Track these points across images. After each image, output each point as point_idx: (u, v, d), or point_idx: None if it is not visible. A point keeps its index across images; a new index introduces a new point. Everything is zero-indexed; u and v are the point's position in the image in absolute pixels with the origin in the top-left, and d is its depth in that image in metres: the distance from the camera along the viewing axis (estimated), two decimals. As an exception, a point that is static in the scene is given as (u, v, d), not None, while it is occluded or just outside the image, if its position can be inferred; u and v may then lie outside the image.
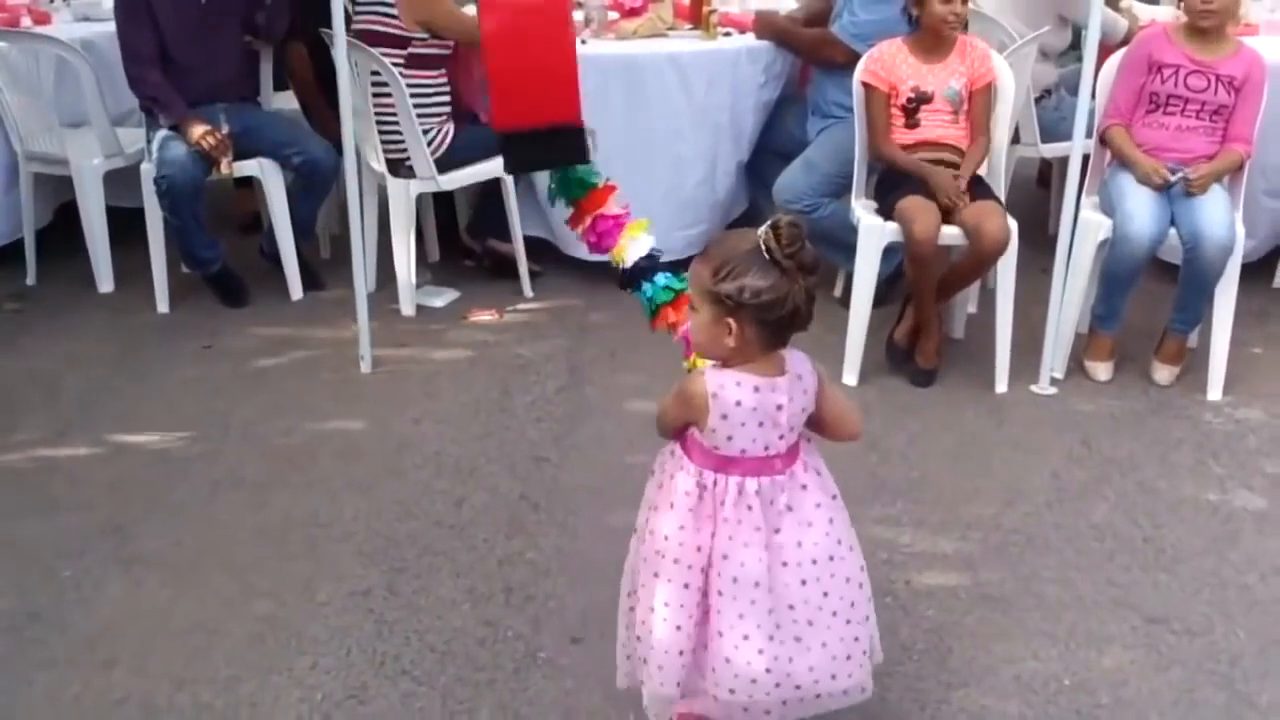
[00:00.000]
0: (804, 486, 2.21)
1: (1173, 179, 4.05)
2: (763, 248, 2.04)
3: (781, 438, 2.16)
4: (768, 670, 2.19)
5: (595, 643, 2.84)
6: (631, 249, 2.78)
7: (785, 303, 2.05)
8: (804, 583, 2.20)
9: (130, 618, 2.99)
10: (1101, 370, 4.26)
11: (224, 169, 4.66)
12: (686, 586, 2.20)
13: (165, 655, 2.84)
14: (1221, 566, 3.18)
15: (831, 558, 2.22)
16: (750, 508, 2.17)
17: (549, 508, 3.46)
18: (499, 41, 2.57)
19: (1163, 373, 4.22)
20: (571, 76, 2.66)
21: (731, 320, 2.07)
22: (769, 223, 2.05)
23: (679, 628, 2.22)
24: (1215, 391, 4.12)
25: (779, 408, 2.14)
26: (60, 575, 3.15)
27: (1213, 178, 4.06)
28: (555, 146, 2.72)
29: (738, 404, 2.11)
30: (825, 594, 2.21)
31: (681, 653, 2.23)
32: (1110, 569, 3.17)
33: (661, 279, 2.72)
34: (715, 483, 2.18)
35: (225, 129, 4.66)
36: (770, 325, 2.08)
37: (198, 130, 4.58)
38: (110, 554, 3.25)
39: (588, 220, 2.86)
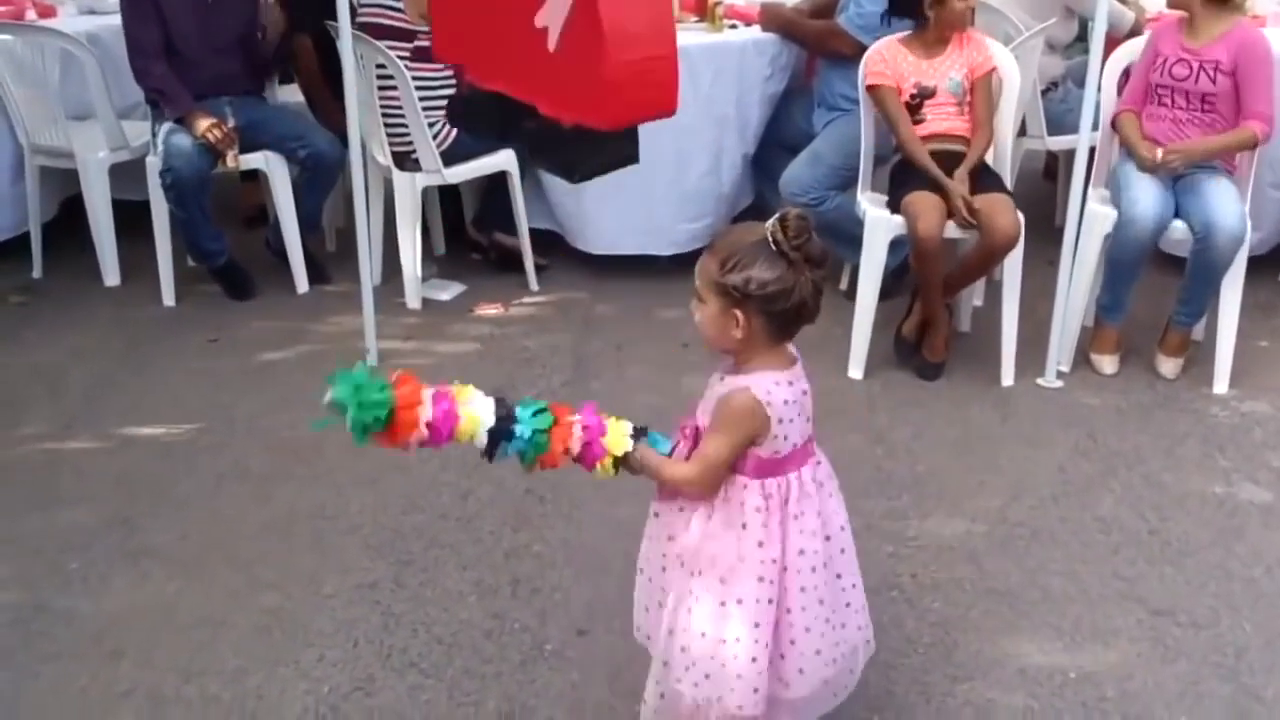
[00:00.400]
0: (819, 463, 2.25)
1: (1156, 158, 4.04)
2: (770, 240, 2.04)
3: (809, 421, 2.20)
4: (836, 643, 2.25)
5: (601, 635, 2.85)
6: (481, 418, 2.23)
7: (792, 294, 2.05)
8: (843, 550, 2.27)
9: (137, 610, 3.00)
10: (1107, 363, 4.25)
11: (231, 162, 4.67)
12: (771, 602, 2.19)
13: (172, 648, 2.85)
14: (1227, 559, 3.18)
15: (844, 526, 2.28)
16: (810, 495, 2.19)
17: (555, 501, 3.46)
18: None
19: (1167, 365, 4.21)
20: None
21: (739, 311, 2.07)
22: (777, 215, 2.05)
23: (766, 644, 2.19)
24: (1221, 385, 4.12)
25: (805, 393, 2.17)
26: (67, 568, 3.16)
27: (1201, 151, 4.05)
28: (611, 148, 2.37)
29: (785, 403, 2.12)
30: (853, 558, 2.30)
31: (755, 660, 2.20)
32: (1116, 562, 3.17)
33: (524, 429, 2.24)
34: (780, 487, 2.17)
35: (231, 122, 4.67)
36: (777, 317, 2.08)
37: (203, 123, 4.58)
38: (116, 547, 3.25)
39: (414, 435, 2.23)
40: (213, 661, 2.80)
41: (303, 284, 5.04)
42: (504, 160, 4.85)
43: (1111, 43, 4.23)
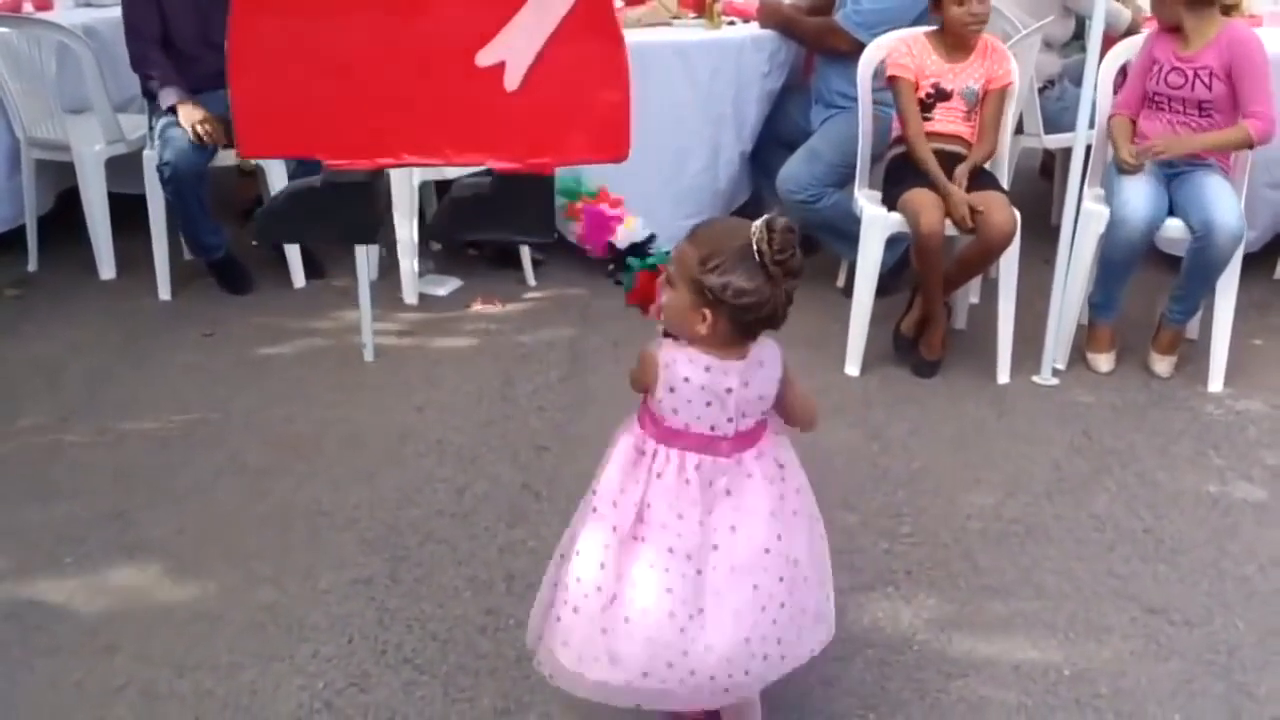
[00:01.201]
0: (749, 475, 2.19)
1: (1143, 159, 4.05)
2: (754, 249, 2.02)
3: (730, 420, 2.15)
4: (684, 653, 2.15)
5: (596, 631, 2.85)
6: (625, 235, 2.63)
7: (765, 305, 2.05)
8: (733, 569, 2.17)
9: (132, 604, 3.00)
10: (1103, 361, 4.26)
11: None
12: (614, 530, 2.20)
13: (167, 642, 2.85)
14: (1221, 558, 3.18)
15: (766, 550, 2.18)
16: (688, 482, 2.16)
17: (551, 497, 3.46)
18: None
19: (1161, 364, 4.22)
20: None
21: (708, 311, 2.06)
22: (764, 220, 2.03)
23: (602, 565, 2.19)
24: (1216, 383, 4.12)
25: (728, 390, 2.13)
26: (62, 562, 3.16)
27: (1187, 147, 4.05)
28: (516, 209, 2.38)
29: (685, 380, 2.12)
30: (755, 586, 2.17)
31: (603, 610, 2.19)
32: (1110, 560, 3.17)
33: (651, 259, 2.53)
34: (656, 453, 2.18)
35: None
36: (744, 324, 2.08)
37: (194, 115, 4.58)
38: (112, 540, 3.25)
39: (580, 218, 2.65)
40: (207, 656, 2.80)
41: (299, 279, 5.04)
42: (501, 155, 4.84)
43: (1108, 41, 4.23)
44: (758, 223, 2.03)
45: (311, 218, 2.26)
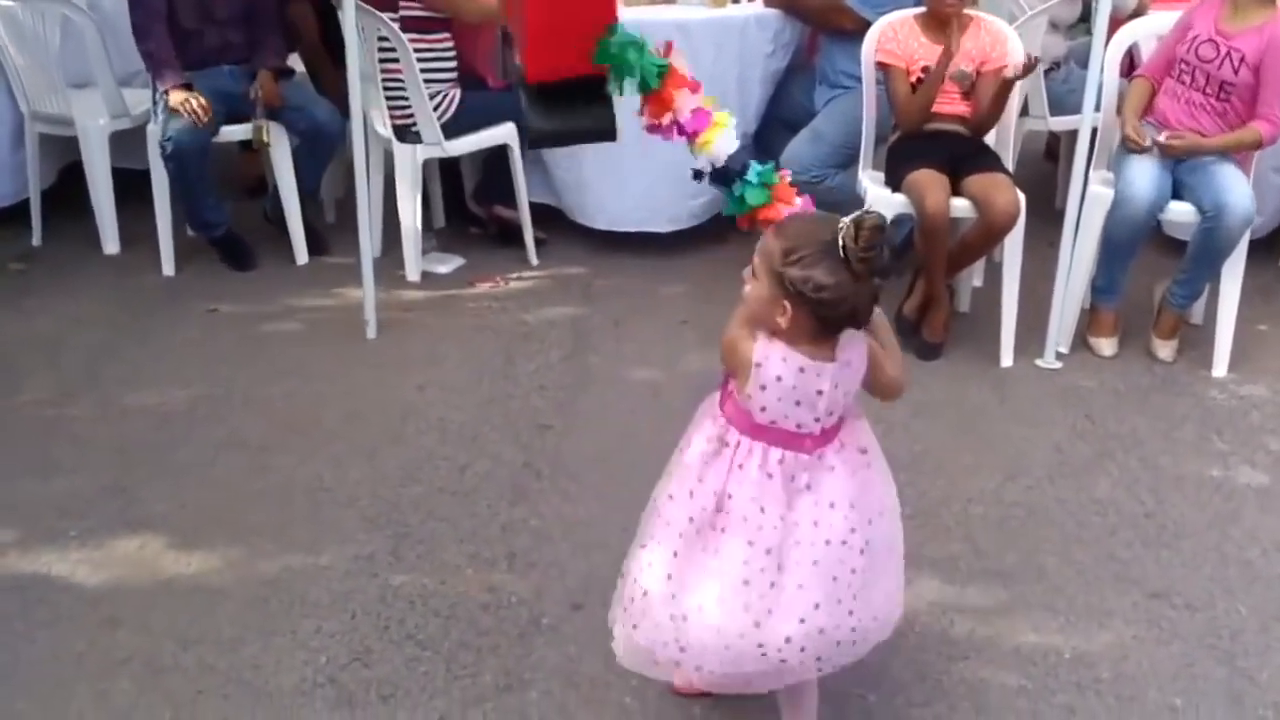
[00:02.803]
0: (831, 469, 2.18)
1: (1145, 143, 4.03)
2: (839, 244, 1.99)
3: (817, 420, 2.14)
4: (759, 645, 2.16)
5: (597, 609, 2.85)
6: (720, 143, 2.56)
7: (845, 302, 2.03)
8: (815, 563, 2.17)
9: (134, 578, 3.00)
10: (1105, 345, 4.25)
11: (263, 136, 4.69)
12: (680, 535, 2.20)
13: (169, 616, 2.85)
14: (1223, 542, 3.18)
15: (844, 543, 2.18)
16: (770, 476, 2.15)
17: (552, 475, 3.46)
18: None
19: (1164, 349, 4.21)
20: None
21: (788, 304, 2.04)
22: (853, 217, 1.99)
23: (675, 554, 2.21)
24: (1220, 368, 4.12)
25: (819, 392, 2.11)
26: (65, 535, 3.16)
27: (1204, 148, 4.03)
28: (582, 115, 2.47)
29: (778, 379, 2.10)
30: (834, 579, 2.18)
31: (674, 597, 2.20)
32: (1112, 544, 3.17)
33: (754, 175, 2.53)
34: (739, 444, 2.17)
35: (246, 89, 4.67)
36: (823, 319, 2.06)
37: (178, 96, 4.56)
38: (114, 515, 3.26)
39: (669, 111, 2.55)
40: (210, 630, 2.80)
41: (302, 255, 5.03)
42: (505, 133, 4.83)
43: (1115, 23, 4.21)
44: (846, 219, 1.99)
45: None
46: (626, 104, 2.58)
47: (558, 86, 2.40)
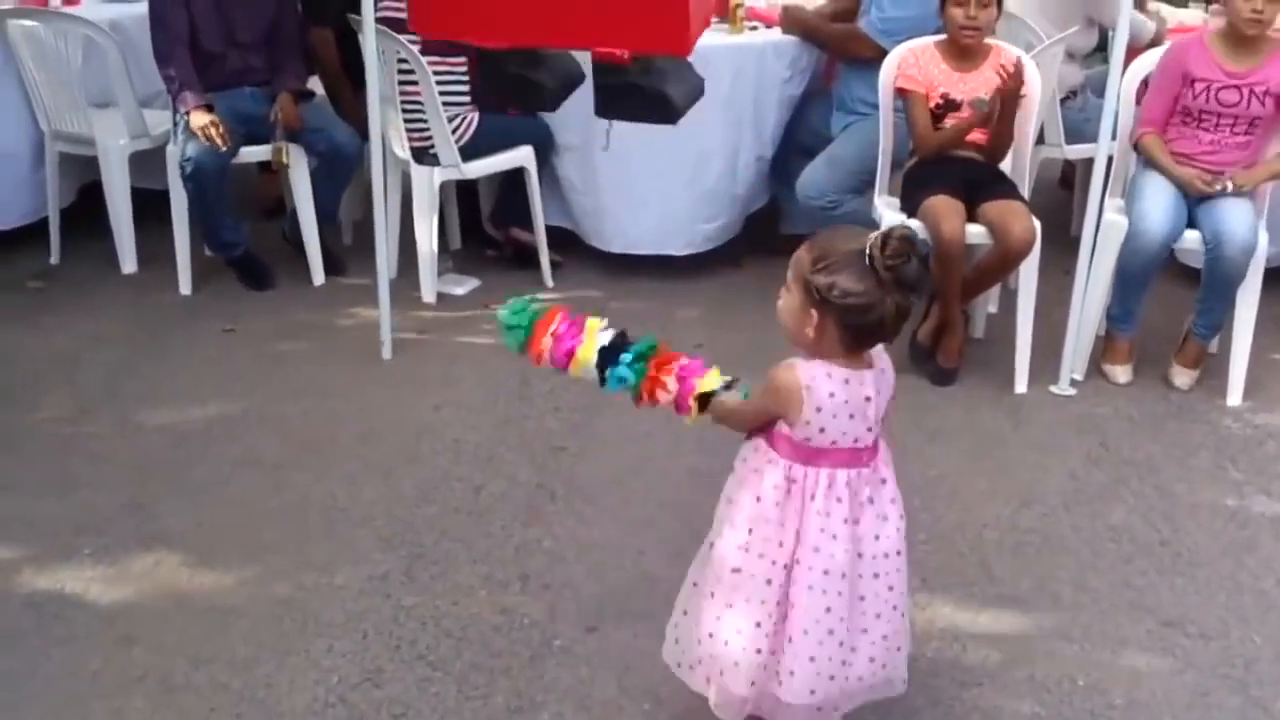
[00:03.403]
0: (883, 480, 2.25)
1: (1215, 188, 4.02)
2: (865, 253, 2.04)
3: (870, 429, 2.19)
4: (843, 663, 2.24)
5: (610, 632, 2.86)
6: (599, 341, 2.41)
7: (872, 311, 2.06)
8: (876, 575, 2.24)
9: (149, 596, 3.01)
10: (1120, 373, 4.25)
11: (282, 158, 4.72)
12: (769, 583, 2.22)
13: (183, 634, 2.86)
14: (1238, 571, 3.18)
15: (899, 552, 2.26)
16: (840, 500, 2.18)
17: (566, 496, 3.47)
18: None
19: (1182, 377, 4.21)
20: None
21: (815, 312, 2.09)
22: (884, 230, 2.06)
23: (758, 624, 2.23)
24: (1235, 397, 4.11)
25: (867, 399, 2.16)
26: (81, 552, 3.17)
27: (1261, 179, 4.05)
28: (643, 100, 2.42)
29: (830, 396, 2.13)
30: (891, 587, 2.25)
31: (759, 651, 2.24)
32: (1127, 571, 3.17)
33: (628, 355, 2.37)
34: (805, 475, 2.19)
35: (266, 112, 4.71)
36: (853, 329, 2.10)
37: (202, 120, 4.59)
38: (130, 532, 3.27)
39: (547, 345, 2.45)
40: (223, 649, 2.81)
41: (319, 276, 5.05)
42: (522, 156, 4.86)
43: (1131, 53, 4.21)
44: (877, 231, 2.06)
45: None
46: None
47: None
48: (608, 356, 2.35)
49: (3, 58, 4.99)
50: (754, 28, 5.13)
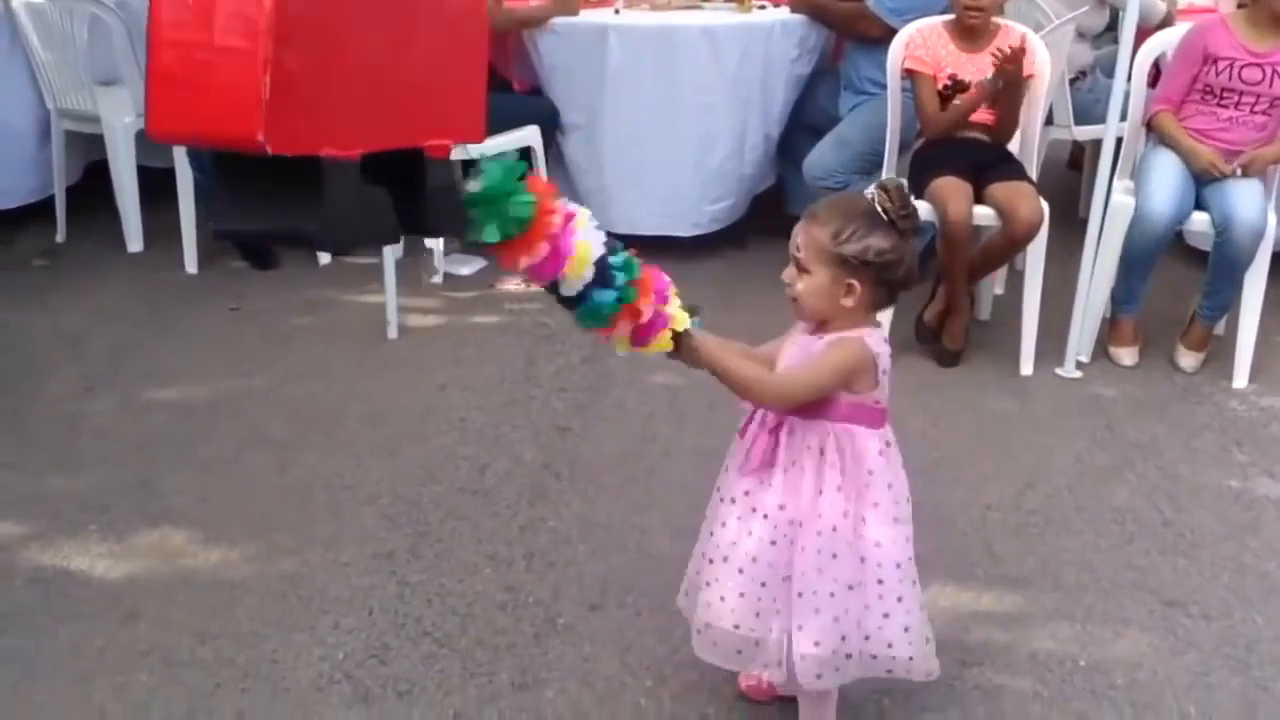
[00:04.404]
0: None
1: (1228, 170, 4.01)
2: (880, 209, 2.09)
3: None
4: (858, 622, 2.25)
5: (614, 610, 2.87)
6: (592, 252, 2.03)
7: (902, 263, 2.13)
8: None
9: (154, 572, 3.02)
10: (1126, 355, 4.25)
11: None
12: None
13: (189, 610, 2.87)
14: (1241, 552, 3.18)
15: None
16: (883, 453, 2.26)
17: (571, 476, 3.47)
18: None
19: (1188, 359, 4.20)
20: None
21: (854, 280, 2.12)
22: (876, 184, 2.11)
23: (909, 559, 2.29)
24: (1241, 379, 4.11)
25: (890, 355, 2.23)
26: (86, 529, 3.18)
27: (1271, 160, 4.06)
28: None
29: (891, 358, 2.21)
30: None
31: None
32: (1130, 552, 3.17)
33: (620, 277, 2.07)
34: (888, 435, 2.27)
35: None
36: (887, 285, 2.15)
37: None
38: (136, 509, 3.28)
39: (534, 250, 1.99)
40: (229, 625, 2.82)
41: (325, 255, 5.05)
42: (528, 136, 4.85)
43: (1142, 33, 4.20)
44: (870, 188, 2.11)
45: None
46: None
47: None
48: (599, 272, 2.01)
49: (9, 36, 4.99)
50: (762, 7, 5.13)
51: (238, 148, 1.63)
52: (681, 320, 2.14)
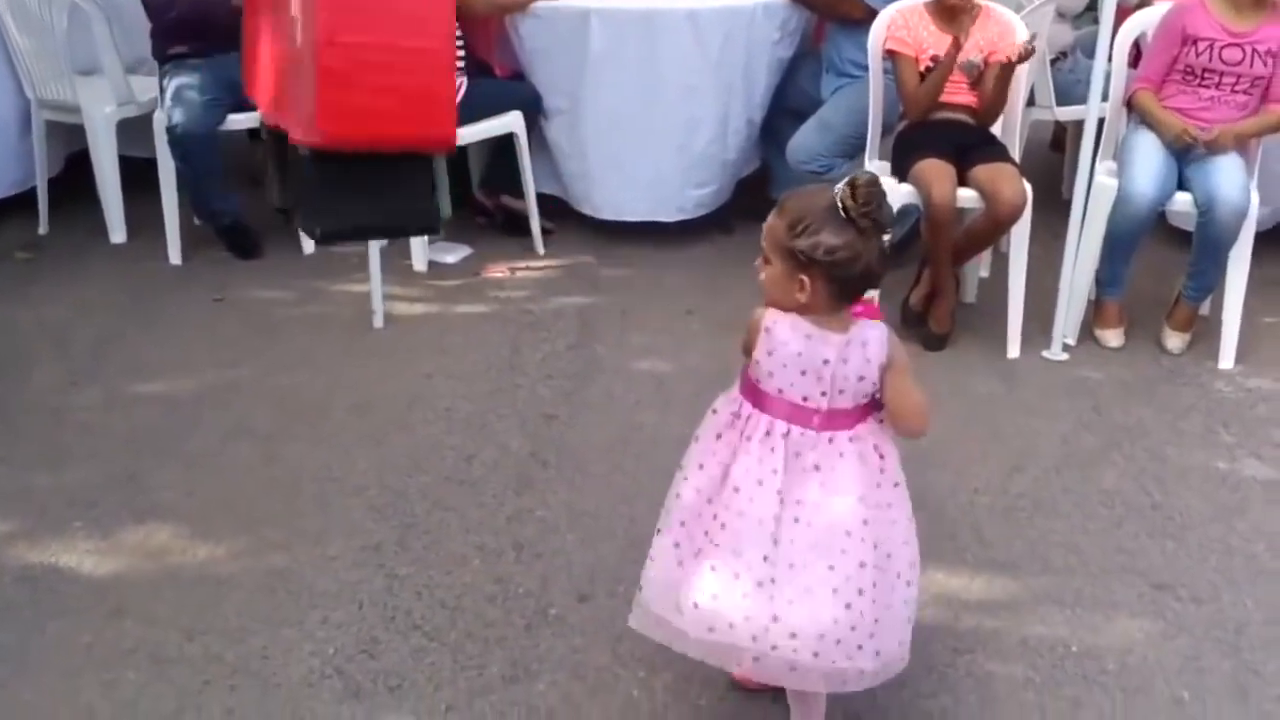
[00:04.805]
0: (841, 454, 2.19)
1: (1200, 138, 4.01)
2: (839, 205, 2.06)
3: (824, 394, 2.16)
4: (746, 618, 2.17)
5: (604, 600, 2.86)
6: None
7: (858, 261, 2.08)
8: (811, 545, 2.17)
9: (142, 568, 3.01)
10: (1111, 337, 4.25)
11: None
12: (698, 491, 2.24)
13: (176, 606, 2.86)
14: (1229, 535, 3.18)
15: (848, 533, 2.17)
16: (773, 450, 2.17)
17: (558, 465, 3.47)
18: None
19: (1174, 340, 4.21)
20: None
21: (804, 276, 2.10)
22: (846, 179, 2.08)
23: (676, 545, 2.26)
24: (1227, 360, 4.11)
25: (825, 362, 2.14)
26: (72, 525, 3.17)
27: (1238, 136, 4.03)
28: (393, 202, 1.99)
29: (784, 344, 2.14)
30: (831, 567, 2.16)
31: (679, 565, 2.26)
32: (1118, 535, 3.17)
33: None
34: (749, 417, 2.20)
35: None
36: (841, 282, 2.11)
37: None
38: (122, 504, 3.26)
39: None
40: (216, 620, 2.81)
41: (309, 244, 5.02)
42: (511, 122, 4.83)
43: (1121, 13, 4.19)
44: (841, 183, 2.08)
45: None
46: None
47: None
48: None
49: (-13, 26, 4.95)
50: (744, -10, 5.09)
51: (419, 148, 1.73)
52: None
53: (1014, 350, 4.17)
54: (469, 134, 4.81)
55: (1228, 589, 2.96)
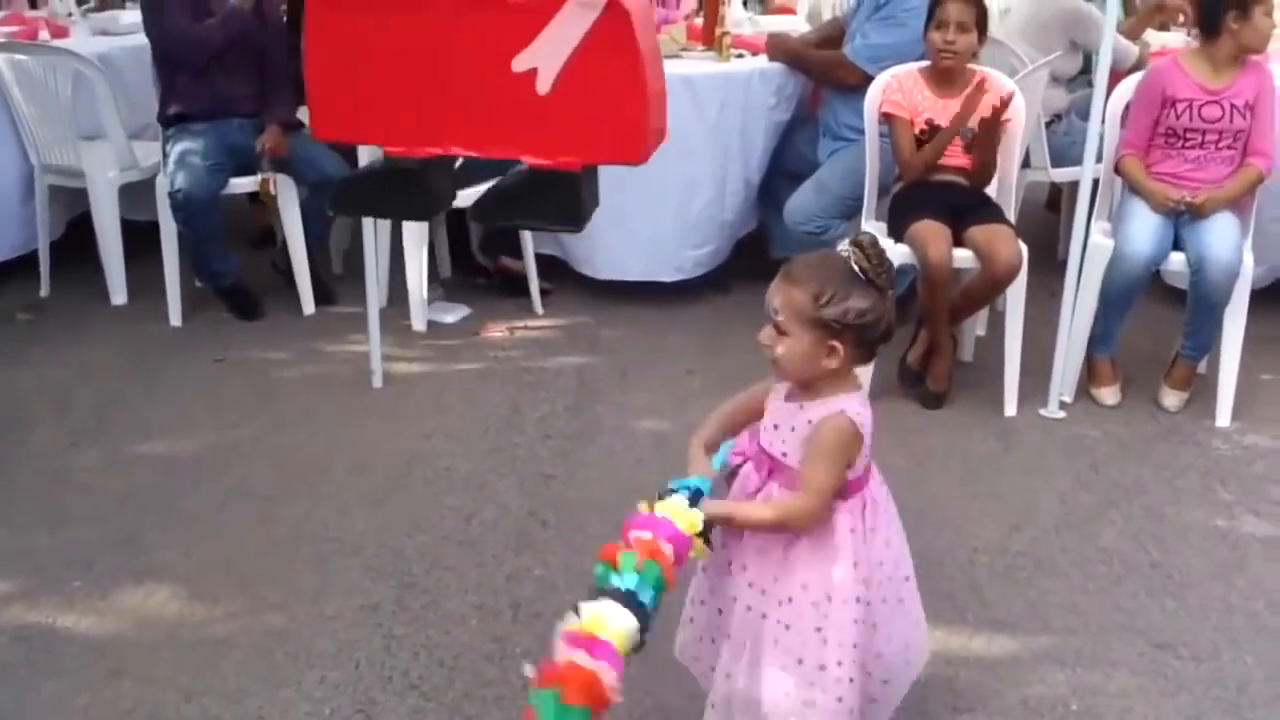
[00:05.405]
0: (877, 501, 2.30)
1: (1182, 202, 4.05)
2: (856, 269, 2.08)
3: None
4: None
5: (602, 660, 2.85)
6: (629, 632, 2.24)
7: (884, 319, 2.12)
8: (884, 601, 2.30)
9: (139, 629, 3.00)
10: (1107, 395, 4.26)
11: (270, 189, 4.76)
12: (863, 622, 2.24)
13: (174, 666, 2.85)
14: (1229, 593, 3.18)
15: (891, 579, 2.33)
16: (880, 503, 2.28)
17: (557, 525, 3.47)
18: None
19: (1171, 398, 4.22)
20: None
21: (836, 343, 2.11)
22: (849, 242, 2.10)
23: (860, 664, 2.25)
24: (1224, 418, 4.12)
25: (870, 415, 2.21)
26: (70, 585, 3.16)
27: (1225, 199, 4.06)
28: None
29: (870, 423, 2.19)
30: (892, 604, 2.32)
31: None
32: (1117, 594, 3.17)
33: (652, 598, 2.24)
34: (862, 505, 2.24)
35: (258, 146, 4.78)
36: (868, 344, 2.15)
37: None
38: (121, 565, 3.26)
39: None
40: (214, 681, 2.80)
41: (309, 305, 5.06)
42: (511, 185, 4.86)
43: (1115, 76, 4.25)
44: (844, 245, 2.10)
45: (378, 196, 2.36)
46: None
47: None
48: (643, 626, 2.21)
49: (-8, 92, 5.01)
50: (740, 56, 5.15)
51: (614, 163, 2.04)
52: (693, 524, 2.21)
53: (1011, 408, 4.18)
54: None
55: (1228, 647, 2.95)
